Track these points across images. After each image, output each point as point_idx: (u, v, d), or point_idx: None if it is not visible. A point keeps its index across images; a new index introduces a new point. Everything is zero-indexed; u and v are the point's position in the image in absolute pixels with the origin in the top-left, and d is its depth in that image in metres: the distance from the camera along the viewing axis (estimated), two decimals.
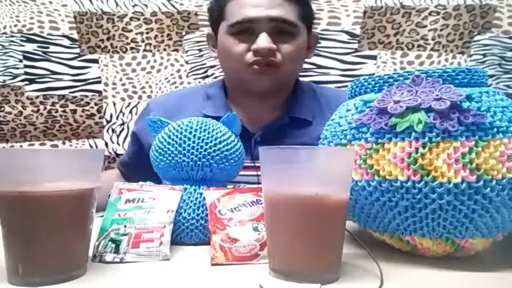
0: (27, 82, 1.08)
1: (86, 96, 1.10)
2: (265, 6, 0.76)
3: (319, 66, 1.07)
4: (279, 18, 0.76)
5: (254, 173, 0.69)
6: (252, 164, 0.58)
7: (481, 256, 0.46)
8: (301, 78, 1.04)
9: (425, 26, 1.03)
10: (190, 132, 0.52)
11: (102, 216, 0.47)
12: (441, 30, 1.02)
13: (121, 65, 1.10)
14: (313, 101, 0.87)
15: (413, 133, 0.40)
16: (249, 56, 0.77)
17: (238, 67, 0.79)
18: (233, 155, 0.53)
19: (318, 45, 1.06)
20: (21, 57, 1.08)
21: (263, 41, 0.75)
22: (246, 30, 0.77)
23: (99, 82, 1.10)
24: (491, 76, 1.00)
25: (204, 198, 0.50)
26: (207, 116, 0.72)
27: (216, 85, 0.91)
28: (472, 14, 1.00)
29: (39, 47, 1.08)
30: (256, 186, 0.55)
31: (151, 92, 1.11)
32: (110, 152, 1.10)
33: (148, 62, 1.10)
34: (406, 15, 1.04)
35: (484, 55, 1.00)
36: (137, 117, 1.01)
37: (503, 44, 0.99)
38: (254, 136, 0.81)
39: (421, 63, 1.03)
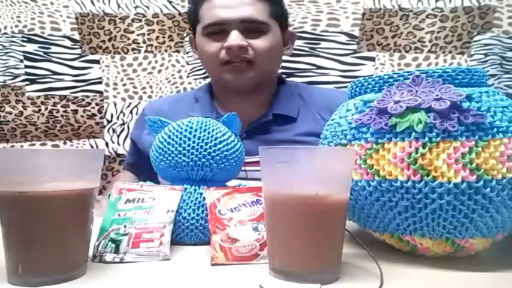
0: (28, 82, 1.08)
1: (87, 96, 1.10)
2: (235, 6, 0.80)
3: (319, 67, 1.07)
4: (248, 18, 0.79)
5: (242, 168, 0.71)
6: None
7: (481, 256, 0.46)
8: (300, 79, 1.05)
9: (423, 29, 1.03)
10: (190, 132, 0.52)
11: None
12: (438, 32, 1.02)
13: (122, 65, 1.10)
14: (297, 99, 0.89)
15: (413, 133, 0.40)
16: (223, 55, 0.80)
17: (214, 66, 0.83)
18: (233, 155, 0.53)
19: (317, 46, 1.06)
20: (22, 58, 1.08)
21: (234, 38, 0.78)
22: (218, 30, 0.81)
23: (101, 82, 1.10)
24: (492, 76, 1.00)
25: (204, 198, 0.50)
26: None
27: (203, 88, 0.95)
28: (471, 15, 1.00)
29: (40, 47, 1.08)
30: (246, 182, 0.55)
31: (152, 92, 1.11)
32: (110, 152, 1.10)
33: (150, 62, 1.11)
34: (404, 17, 1.04)
35: (486, 55, 1.00)
36: (134, 123, 1.03)
37: (503, 44, 0.99)
38: (239, 133, 0.83)
39: (419, 65, 1.03)
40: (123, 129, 1.11)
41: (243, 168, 0.57)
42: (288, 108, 0.86)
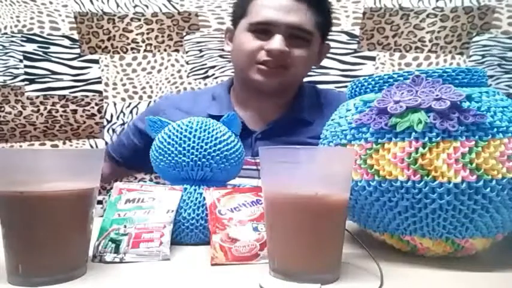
0: (27, 82, 1.08)
1: (87, 96, 1.10)
2: (285, 10, 0.79)
3: (319, 66, 1.07)
4: (296, 25, 0.79)
5: (254, 167, 0.71)
6: (253, 160, 0.61)
7: (481, 256, 0.46)
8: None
9: (423, 28, 1.03)
10: (190, 132, 0.52)
11: (102, 216, 0.47)
12: (439, 32, 1.02)
13: (121, 65, 1.10)
14: (315, 103, 0.89)
15: (413, 133, 0.40)
16: (261, 55, 0.80)
17: (249, 63, 0.82)
18: (233, 155, 0.53)
19: None
20: (21, 58, 1.08)
21: (278, 43, 0.77)
22: (263, 30, 0.80)
23: (100, 82, 1.10)
24: (490, 77, 1.00)
25: (204, 198, 0.50)
26: (211, 116, 0.74)
27: (222, 85, 0.94)
28: (470, 16, 1.01)
29: (39, 47, 1.08)
30: (257, 181, 0.55)
31: (152, 92, 1.11)
32: None
33: (149, 62, 1.11)
34: (405, 17, 1.04)
35: (483, 56, 1.00)
36: (145, 111, 1.01)
37: (503, 44, 0.99)
38: (255, 133, 0.84)
39: (419, 65, 1.03)
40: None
41: (256, 167, 0.57)
42: (306, 112, 0.86)
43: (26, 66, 1.08)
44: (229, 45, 0.90)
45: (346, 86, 0.51)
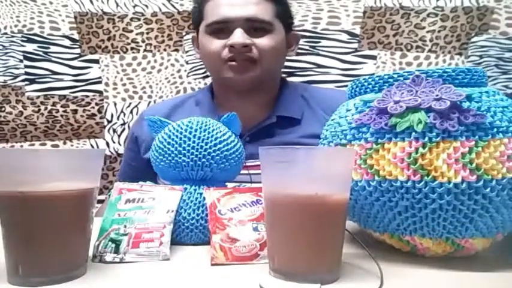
0: (27, 82, 1.08)
1: (87, 96, 1.10)
2: (240, 5, 0.79)
3: (319, 66, 1.07)
4: (253, 17, 0.79)
5: (246, 171, 0.70)
6: (244, 164, 0.61)
7: (481, 256, 0.46)
8: (300, 78, 1.05)
9: (424, 28, 1.03)
10: (190, 132, 0.52)
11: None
12: (439, 31, 1.02)
13: (122, 65, 1.10)
14: (301, 100, 0.88)
15: (413, 133, 0.40)
16: (225, 53, 0.79)
17: (216, 64, 0.81)
18: (233, 155, 0.53)
19: (317, 44, 1.06)
20: (21, 58, 1.08)
21: (238, 36, 0.77)
22: (222, 29, 0.80)
23: (100, 82, 1.10)
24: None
25: (204, 198, 0.50)
26: None
27: (204, 90, 0.94)
28: (469, 16, 1.01)
29: (39, 47, 1.08)
30: (249, 184, 0.55)
31: (152, 92, 1.11)
32: (111, 152, 1.10)
33: (149, 62, 1.11)
34: (405, 16, 1.04)
35: (481, 56, 1.01)
36: (133, 124, 1.01)
37: (501, 45, 0.99)
38: (243, 136, 0.82)
39: (419, 65, 1.03)
40: (123, 129, 1.11)
41: (247, 171, 0.57)
42: (292, 110, 0.84)
43: (26, 66, 1.08)
44: (198, 52, 0.90)
45: (346, 86, 0.51)
